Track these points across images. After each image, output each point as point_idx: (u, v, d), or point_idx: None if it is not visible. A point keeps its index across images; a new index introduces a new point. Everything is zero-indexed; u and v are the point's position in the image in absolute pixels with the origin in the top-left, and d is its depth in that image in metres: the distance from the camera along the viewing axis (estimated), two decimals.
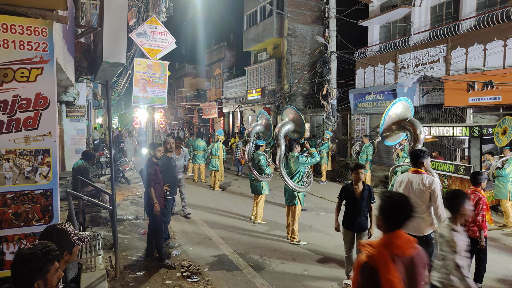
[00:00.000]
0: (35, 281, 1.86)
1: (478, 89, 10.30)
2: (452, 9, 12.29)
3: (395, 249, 2.06)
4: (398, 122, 5.33)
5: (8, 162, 3.19)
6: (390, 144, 5.77)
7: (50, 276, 1.90)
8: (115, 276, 4.85)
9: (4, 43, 3.11)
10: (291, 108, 7.41)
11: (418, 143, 4.99)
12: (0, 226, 3.18)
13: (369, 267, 2.05)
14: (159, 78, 7.46)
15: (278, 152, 6.93)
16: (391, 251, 2.06)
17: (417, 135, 5.01)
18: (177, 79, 35.98)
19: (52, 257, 1.92)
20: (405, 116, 5.30)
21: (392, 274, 1.98)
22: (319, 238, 6.77)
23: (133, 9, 9.14)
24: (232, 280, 4.96)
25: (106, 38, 5.28)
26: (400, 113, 5.34)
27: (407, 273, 2.05)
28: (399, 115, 5.33)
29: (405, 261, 2.06)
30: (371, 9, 15.34)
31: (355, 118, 15.22)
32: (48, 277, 1.89)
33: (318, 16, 19.49)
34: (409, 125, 5.15)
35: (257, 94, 20.90)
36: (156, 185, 5.49)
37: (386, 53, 13.75)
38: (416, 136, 5.01)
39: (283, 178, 6.39)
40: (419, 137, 5.00)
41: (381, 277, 1.98)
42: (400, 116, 5.32)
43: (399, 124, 5.32)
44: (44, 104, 3.28)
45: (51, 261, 1.91)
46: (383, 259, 2.03)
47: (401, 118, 5.31)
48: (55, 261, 1.93)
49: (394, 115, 5.36)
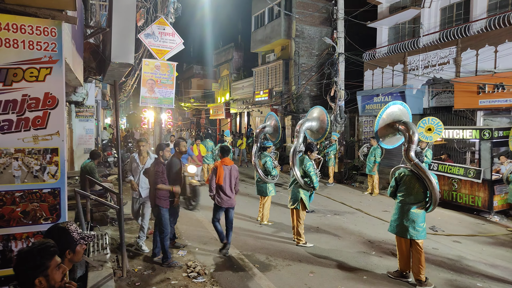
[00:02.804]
0: (35, 278, 1.86)
1: (489, 92, 10.17)
2: (463, 11, 12.16)
3: (224, 163, 5.70)
4: (391, 124, 5.29)
5: (17, 160, 3.22)
6: (387, 147, 5.75)
7: (51, 272, 1.91)
8: (122, 276, 4.86)
9: (14, 43, 3.15)
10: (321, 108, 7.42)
11: (412, 144, 4.93)
12: (8, 224, 3.21)
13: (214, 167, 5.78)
14: (166, 78, 7.50)
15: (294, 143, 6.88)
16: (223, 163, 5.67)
17: (410, 136, 4.95)
18: (184, 80, 36.14)
19: (49, 253, 1.92)
20: (400, 118, 5.27)
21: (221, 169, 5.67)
22: (326, 240, 6.72)
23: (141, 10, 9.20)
24: (238, 281, 4.95)
25: (114, 39, 5.31)
26: (394, 115, 5.32)
27: (230, 173, 5.76)
28: (393, 117, 5.30)
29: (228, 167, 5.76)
30: (380, 10, 15.25)
31: (363, 120, 15.13)
32: (49, 273, 1.90)
33: (326, 18, 19.42)
34: (402, 127, 5.11)
35: (264, 95, 20.89)
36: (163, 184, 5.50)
37: (394, 55, 13.65)
38: (410, 137, 4.95)
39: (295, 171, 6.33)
40: (413, 139, 4.93)
41: (218, 170, 5.68)
42: (394, 118, 5.30)
43: (392, 126, 5.28)
44: (53, 104, 3.30)
45: (48, 258, 1.91)
46: (220, 165, 5.60)
47: (395, 120, 5.28)
48: (53, 257, 1.93)
49: (386, 117, 5.35)
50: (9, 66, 3.14)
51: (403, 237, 4.88)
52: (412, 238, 4.81)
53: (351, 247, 6.39)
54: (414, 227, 4.80)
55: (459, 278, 5.16)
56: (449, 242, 6.67)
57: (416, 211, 4.84)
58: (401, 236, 4.91)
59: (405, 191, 4.96)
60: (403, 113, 5.36)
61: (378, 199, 10.40)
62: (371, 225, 7.73)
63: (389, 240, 6.60)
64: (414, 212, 4.83)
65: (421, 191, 4.89)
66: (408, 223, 4.83)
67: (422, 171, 4.84)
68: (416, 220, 4.81)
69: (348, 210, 9.01)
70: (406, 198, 4.93)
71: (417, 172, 4.90)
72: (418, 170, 4.87)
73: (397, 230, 4.95)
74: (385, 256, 5.93)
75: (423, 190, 4.88)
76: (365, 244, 6.53)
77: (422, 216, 4.87)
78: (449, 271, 5.37)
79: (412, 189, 4.91)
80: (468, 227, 7.69)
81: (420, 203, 4.89)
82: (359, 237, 6.91)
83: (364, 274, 5.24)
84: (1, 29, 3.09)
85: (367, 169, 11.05)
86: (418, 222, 4.81)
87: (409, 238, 4.84)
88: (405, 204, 4.91)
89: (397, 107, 5.39)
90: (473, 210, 8.68)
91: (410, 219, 4.83)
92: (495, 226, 7.86)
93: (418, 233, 4.80)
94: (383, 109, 5.37)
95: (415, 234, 4.79)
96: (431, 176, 4.79)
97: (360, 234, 7.09)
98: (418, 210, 4.85)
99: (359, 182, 12.92)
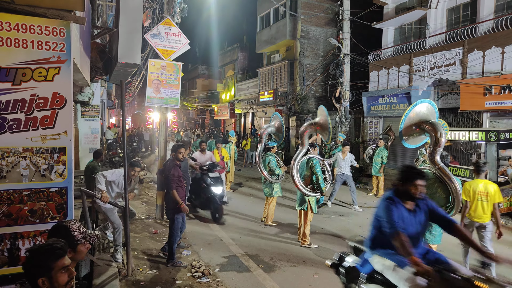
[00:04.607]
0: (38, 278, 1.84)
1: (496, 93, 10.09)
2: (469, 12, 12.08)
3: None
4: (418, 124, 5.05)
5: (25, 159, 3.25)
6: (410, 146, 5.60)
7: (55, 274, 1.87)
8: (127, 275, 4.89)
9: (23, 43, 3.17)
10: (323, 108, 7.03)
11: (438, 146, 4.74)
12: (16, 222, 3.24)
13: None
14: (172, 79, 7.52)
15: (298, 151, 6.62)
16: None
17: (437, 138, 4.74)
18: (189, 80, 36.25)
19: (54, 254, 1.88)
20: (427, 118, 5.01)
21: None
22: (331, 241, 6.71)
23: (148, 10, 9.25)
24: (243, 282, 4.95)
25: (121, 39, 5.34)
26: (422, 115, 5.05)
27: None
28: (421, 116, 5.05)
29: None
30: (386, 11, 15.19)
31: (368, 121, 15.08)
32: (53, 274, 1.86)
33: (332, 18, 19.39)
34: (430, 128, 4.88)
35: (269, 96, 20.89)
36: (178, 188, 5.44)
37: (400, 56, 13.59)
38: (437, 139, 4.75)
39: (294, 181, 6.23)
40: (440, 141, 4.73)
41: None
42: (422, 118, 5.04)
43: (419, 126, 5.04)
44: (61, 104, 3.33)
45: (52, 259, 1.87)
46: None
47: (422, 120, 5.03)
48: (59, 259, 1.89)
49: (414, 116, 5.15)
50: (18, 66, 3.17)
51: None
52: (427, 243, 4.72)
53: None
54: (430, 231, 4.72)
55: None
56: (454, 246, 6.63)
57: None
58: None
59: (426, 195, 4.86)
60: (431, 113, 5.09)
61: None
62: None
63: None
64: None
65: (443, 196, 4.73)
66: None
67: (447, 175, 4.68)
68: (433, 225, 4.73)
69: (353, 211, 8.98)
70: None
71: (440, 176, 4.74)
72: (443, 175, 4.71)
73: None
74: None
75: (445, 195, 4.72)
76: None
77: None
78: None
79: (434, 193, 4.76)
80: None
81: (441, 207, 4.80)
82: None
83: None
84: (10, 29, 3.12)
85: (373, 170, 10.97)
86: (435, 227, 4.69)
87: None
88: None
89: (425, 105, 5.11)
90: None
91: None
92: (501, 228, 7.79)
93: (434, 237, 4.74)
94: (411, 107, 5.13)
95: (430, 238, 4.73)
96: (456, 181, 4.64)
97: (365, 236, 7.06)
98: None
99: (364, 183, 12.87)
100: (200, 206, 8.25)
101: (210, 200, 7.81)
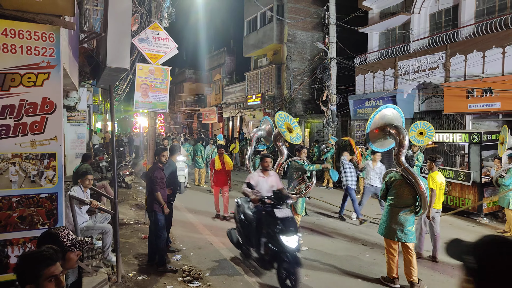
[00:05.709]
0: (25, 284, 1.82)
1: (478, 96, 10.38)
2: (451, 17, 12.41)
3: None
4: (382, 128, 5.27)
5: (14, 166, 3.21)
6: (378, 150, 5.83)
7: (43, 282, 1.83)
8: (117, 281, 4.84)
9: (12, 48, 3.15)
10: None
11: (402, 148, 4.94)
12: (5, 229, 3.19)
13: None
14: (161, 83, 7.50)
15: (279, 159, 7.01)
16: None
17: (401, 140, 4.95)
18: (177, 84, 36.07)
19: (42, 262, 1.85)
20: (391, 122, 5.25)
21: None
22: (320, 243, 6.77)
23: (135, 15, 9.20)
24: (234, 285, 4.96)
25: (110, 44, 5.31)
26: (386, 119, 5.30)
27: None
28: (385, 121, 5.28)
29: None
30: (371, 16, 15.48)
31: (355, 124, 15.29)
32: (41, 282, 1.82)
33: (318, 23, 19.62)
34: (393, 130, 5.08)
35: (257, 99, 20.98)
36: (161, 190, 5.55)
37: (385, 60, 13.86)
38: (401, 142, 4.96)
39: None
40: (403, 143, 4.94)
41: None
42: (386, 122, 5.27)
43: (383, 130, 5.26)
44: (51, 109, 3.31)
45: (39, 267, 1.84)
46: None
47: (386, 123, 5.25)
48: (47, 268, 1.85)
49: (378, 120, 5.34)
50: (7, 71, 3.14)
51: (391, 239, 4.96)
52: (401, 241, 4.89)
53: (345, 250, 6.45)
54: (402, 230, 4.87)
55: (452, 280, 5.25)
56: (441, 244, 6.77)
57: (405, 215, 4.90)
58: (389, 238, 4.98)
59: (395, 195, 5.02)
60: (396, 117, 5.34)
61: (371, 202, 10.49)
62: (364, 228, 7.81)
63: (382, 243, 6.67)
64: (403, 216, 4.89)
65: (410, 196, 4.93)
66: (396, 226, 4.90)
67: (412, 175, 4.89)
68: (404, 224, 4.87)
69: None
70: (396, 201, 4.99)
71: (406, 177, 4.94)
72: (408, 175, 4.91)
73: (386, 232, 5.02)
74: (378, 259, 6.00)
75: (412, 195, 4.92)
76: (359, 247, 6.60)
77: (411, 220, 4.93)
78: (442, 273, 5.47)
79: (401, 193, 4.96)
80: (459, 230, 7.82)
81: (409, 207, 4.94)
82: (352, 240, 6.98)
83: (358, 277, 5.31)
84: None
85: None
86: (406, 226, 4.87)
87: (397, 241, 4.91)
88: (395, 208, 4.97)
89: (389, 110, 5.38)
90: (463, 213, 8.82)
91: (399, 222, 4.89)
92: (485, 228, 8.01)
93: (406, 236, 4.86)
94: (375, 112, 5.37)
95: (403, 236, 4.86)
96: (420, 181, 4.84)
97: (354, 237, 7.16)
98: (407, 214, 4.91)
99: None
100: (259, 262, 5.10)
101: (276, 256, 4.71)
